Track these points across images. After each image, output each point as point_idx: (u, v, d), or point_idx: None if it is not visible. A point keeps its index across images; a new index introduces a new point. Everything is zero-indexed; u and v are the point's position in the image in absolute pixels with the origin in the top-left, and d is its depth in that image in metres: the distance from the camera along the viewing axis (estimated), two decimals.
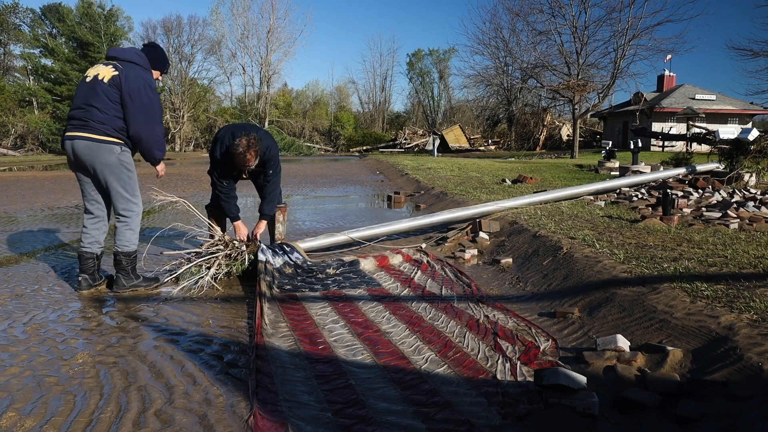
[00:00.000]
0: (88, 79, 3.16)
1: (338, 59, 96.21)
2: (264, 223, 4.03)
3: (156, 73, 3.40)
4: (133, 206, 3.31)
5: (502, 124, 40.97)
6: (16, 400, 1.89)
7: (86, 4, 35.55)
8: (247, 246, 3.73)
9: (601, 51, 24.33)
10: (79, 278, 3.32)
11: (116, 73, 3.12)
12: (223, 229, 4.06)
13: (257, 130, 3.78)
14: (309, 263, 3.83)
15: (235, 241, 3.74)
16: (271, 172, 3.91)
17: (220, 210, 4.21)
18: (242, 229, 3.92)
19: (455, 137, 37.28)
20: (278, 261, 3.70)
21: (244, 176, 4.02)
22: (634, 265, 3.06)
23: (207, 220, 3.91)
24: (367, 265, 3.92)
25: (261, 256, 3.58)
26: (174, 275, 3.53)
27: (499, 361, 2.12)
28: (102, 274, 3.48)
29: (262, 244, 3.77)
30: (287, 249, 3.87)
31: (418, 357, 2.21)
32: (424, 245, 4.62)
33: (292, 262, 3.76)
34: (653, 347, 2.10)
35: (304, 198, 9.20)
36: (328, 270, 3.71)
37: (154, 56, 3.37)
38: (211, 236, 3.80)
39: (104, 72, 3.14)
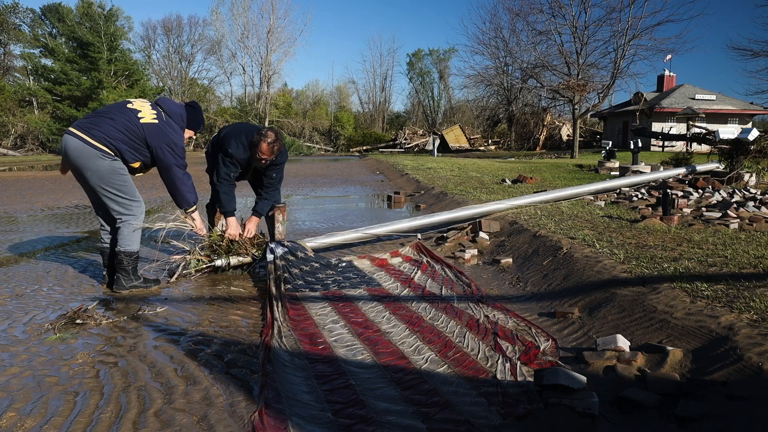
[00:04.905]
0: (129, 105, 3.29)
1: (338, 59, 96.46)
2: (255, 221, 3.97)
3: (190, 132, 3.58)
4: (134, 208, 3.31)
5: (502, 124, 40.95)
6: (16, 400, 1.89)
7: (86, 4, 35.55)
8: (234, 244, 3.75)
9: (601, 51, 24.40)
10: (104, 273, 3.48)
11: (156, 122, 3.26)
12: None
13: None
14: (311, 256, 3.85)
15: (225, 242, 3.74)
16: (275, 175, 3.94)
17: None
18: (233, 228, 3.83)
19: (455, 137, 37.28)
20: (279, 251, 3.72)
21: (247, 176, 4.05)
22: (634, 265, 3.06)
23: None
24: (366, 265, 3.92)
25: (269, 256, 3.62)
26: (173, 274, 3.54)
27: (499, 361, 2.12)
28: (104, 273, 3.49)
29: (270, 244, 3.79)
30: (289, 245, 3.89)
31: (418, 357, 2.21)
32: (419, 236, 4.63)
33: (294, 254, 3.79)
34: (653, 347, 2.10)
35: (304, 198, 9.20)
36: (328, 270, 3.71)
37: (191, 117, 3.54)
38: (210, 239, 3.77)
39: (147, 114, 3.27)
